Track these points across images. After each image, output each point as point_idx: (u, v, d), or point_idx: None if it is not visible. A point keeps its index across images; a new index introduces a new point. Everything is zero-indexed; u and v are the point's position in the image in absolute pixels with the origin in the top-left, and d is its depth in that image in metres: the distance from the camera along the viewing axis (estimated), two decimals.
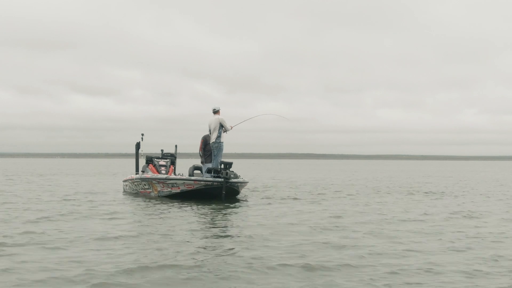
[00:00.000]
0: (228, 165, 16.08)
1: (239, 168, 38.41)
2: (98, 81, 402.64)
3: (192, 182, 16.12)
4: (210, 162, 17.13)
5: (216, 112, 17.01)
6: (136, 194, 17.88)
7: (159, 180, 16.76)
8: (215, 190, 15.85)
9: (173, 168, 18.38)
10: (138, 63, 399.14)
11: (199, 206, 14.22)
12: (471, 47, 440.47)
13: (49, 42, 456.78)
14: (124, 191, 19.62)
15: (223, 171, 15.75)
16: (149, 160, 18.40)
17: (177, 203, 14.90)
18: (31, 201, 15.38)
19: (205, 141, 17.40)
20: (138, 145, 19.52)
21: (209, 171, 16.47)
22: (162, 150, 18.98)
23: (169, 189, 16.56)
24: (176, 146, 19.71)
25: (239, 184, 16.26)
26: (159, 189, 16.88)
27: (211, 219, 11.67)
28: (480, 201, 16.82)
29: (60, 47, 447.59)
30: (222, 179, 15.60)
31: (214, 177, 15.98)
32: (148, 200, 16.02)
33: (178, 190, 16.37)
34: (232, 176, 15.77)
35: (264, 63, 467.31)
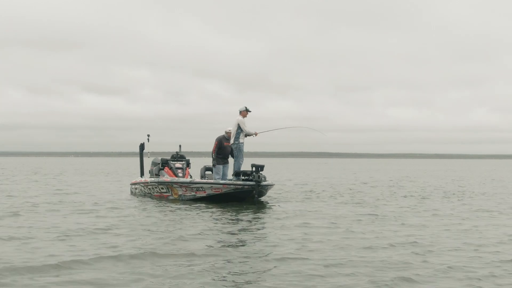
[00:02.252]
0: (260, 167, 15.61)
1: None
2: (107, 80, 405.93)
3: (221, 186, 15.65)
4: (222, 164, 16.84)
5: (240, 112, 16.58)
6: (149, 197, 17.33)
7: (181, 184, 16.31)
8: (243, 193, 15.57)
9: (189, 170, 17.99)
10: (147, 62, 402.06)
11: (227, 209, 14.38)
12: (480, 46, 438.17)
13: (58, 42, 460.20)
14: (133, 194, 18.86)
15: (254, 174, 15.43)
16: (165, 162, 17.68)
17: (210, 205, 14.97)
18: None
19: (220, 143, 16.89)
20: (142, 146, 18.88)
21: (237, 174, 16.11)
22: (177, 153, 18.33)
23: (193, 193, 16.12)
24: (180, 146, 19.00)
25: (268, 186, 16.00)
26: (180, 192, 16.39)
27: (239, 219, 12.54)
28: None
29: (69, 47, 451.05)
30: (254, 182, 15.31)
31: (243, 180, 15.73)
32: (174, 203, 15.71)
33: (204, 194, 15.94)
34: (263, 179, 15.49)
35: (273, 62, 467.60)
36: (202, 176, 17.48)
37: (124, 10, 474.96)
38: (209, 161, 17.69)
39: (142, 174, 19.40)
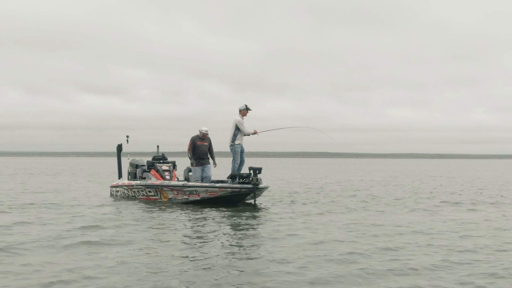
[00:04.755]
0: (258, 170, 15.27)
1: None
2: (105, 80, 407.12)
3: (217, 189, 15.33)
4: (200, 165, 16.35)
5: (240, 111, 16.07)
6: (133, 200, 16.85)
7: (173, 187, 15.86)
8: (239, 196, 15.40)
9: (175, 172, 17.46)
10: (144, 62, 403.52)
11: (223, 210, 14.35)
12: (476, 45, 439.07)
13: (56, 42, 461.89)
14: (114, 196, 18.09)
15: (253, 177, 15.10)
16: (151, 165, 17.21)
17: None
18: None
19: (193, 142, 16.39)
20: (120, 148, 18.23)
21: (233, 177, 15.73)
22: (162, 154, 17.81)
23: (186, 196, 15.72)
24: (158, 146, 18.46)
25: (263, 189, 15.80)
26: (170, 196, 16.00)
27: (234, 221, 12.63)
28: None
29: (66, 46, 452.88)
30: (252, 186, 15.08)
31: (239, 182, 15.36)
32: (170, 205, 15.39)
33: (198, 198, 15.57)
34: (260, 181, 15.27)
35: (269, 62, 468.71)
36: (186, 178, 16.99)
37: (122, 10, 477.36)
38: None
39: (120, 176, 18.74)
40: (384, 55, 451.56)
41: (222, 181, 16.44)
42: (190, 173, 16.97)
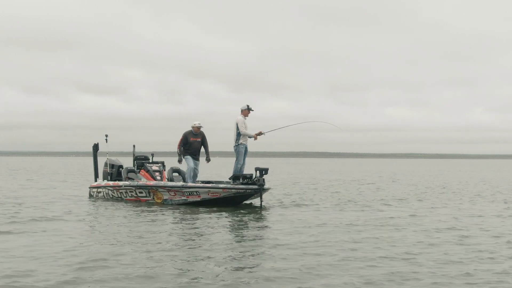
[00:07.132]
0: (265, 171, 14.97)
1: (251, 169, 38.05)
2: (103, 80, 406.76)
3: (220, 190, 14.87)
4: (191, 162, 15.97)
5: (241, 111, 15.71)
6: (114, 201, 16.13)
7: (170, 188, 15.28)
8: (242, 198, 15.13)
9: (165, 173, 16.83)
10: (142, 62, 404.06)
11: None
12: (474, 45, 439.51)
13: (55, 42, 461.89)
14: (94, 197, 17.27)
15: (259, 178, 14.81)
16: (140, 165, 16.67)
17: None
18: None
19: (185, 138, 16.05)
20: (96, 147, 17.64)
21: (235, 178, 15.24)
22: (152, 155, 17.40)
23: (184, 198, 15.17)
24: (134, 146, 18.03)
25: (267, 190, 15.56)
26: (166, 197, 15.38)
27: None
28: None
29: (66, 46, 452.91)
30: (258, 186, 14.74)
31: (243, 183, 14.99)
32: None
33: (198, 199, 15.05)
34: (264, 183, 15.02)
35: (267, 62, 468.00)
36: (171, 178, 16.42)
37: (121, 11, 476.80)
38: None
39: (96, 177, 18.07)
40: (382, 55, 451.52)
41: (209, 182, 16.33)
42: (175, 174, 16.62)
